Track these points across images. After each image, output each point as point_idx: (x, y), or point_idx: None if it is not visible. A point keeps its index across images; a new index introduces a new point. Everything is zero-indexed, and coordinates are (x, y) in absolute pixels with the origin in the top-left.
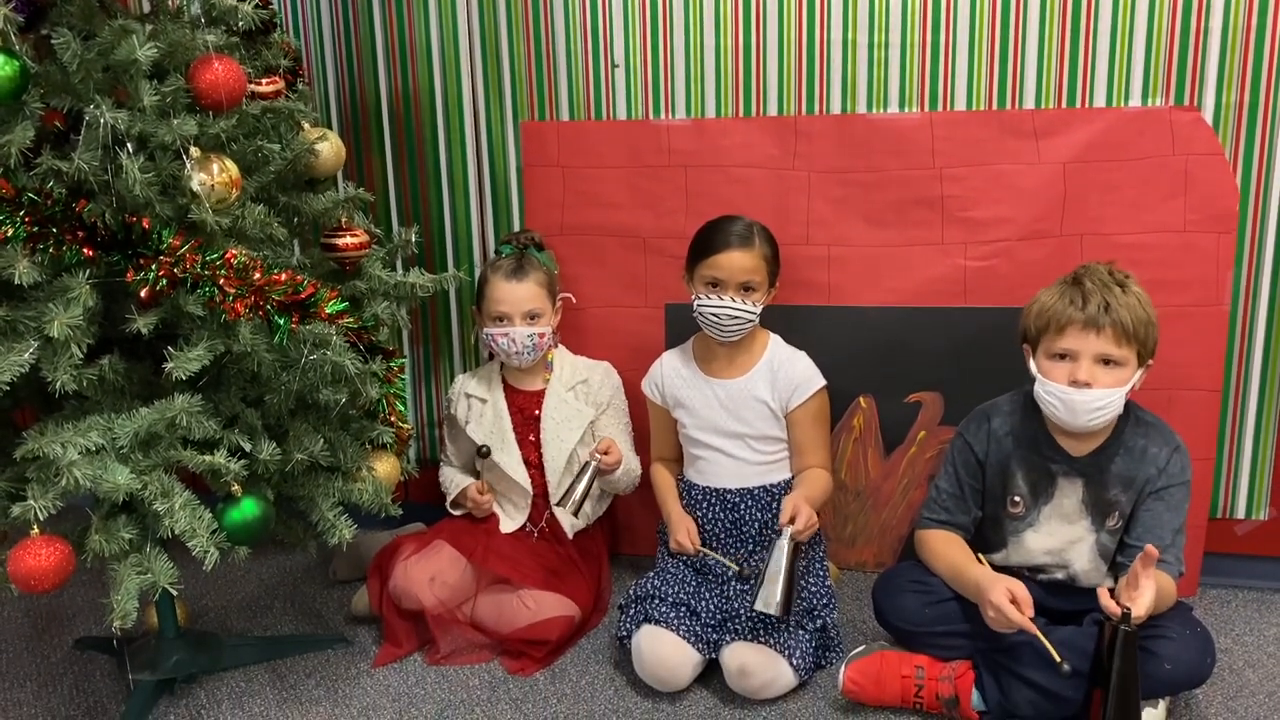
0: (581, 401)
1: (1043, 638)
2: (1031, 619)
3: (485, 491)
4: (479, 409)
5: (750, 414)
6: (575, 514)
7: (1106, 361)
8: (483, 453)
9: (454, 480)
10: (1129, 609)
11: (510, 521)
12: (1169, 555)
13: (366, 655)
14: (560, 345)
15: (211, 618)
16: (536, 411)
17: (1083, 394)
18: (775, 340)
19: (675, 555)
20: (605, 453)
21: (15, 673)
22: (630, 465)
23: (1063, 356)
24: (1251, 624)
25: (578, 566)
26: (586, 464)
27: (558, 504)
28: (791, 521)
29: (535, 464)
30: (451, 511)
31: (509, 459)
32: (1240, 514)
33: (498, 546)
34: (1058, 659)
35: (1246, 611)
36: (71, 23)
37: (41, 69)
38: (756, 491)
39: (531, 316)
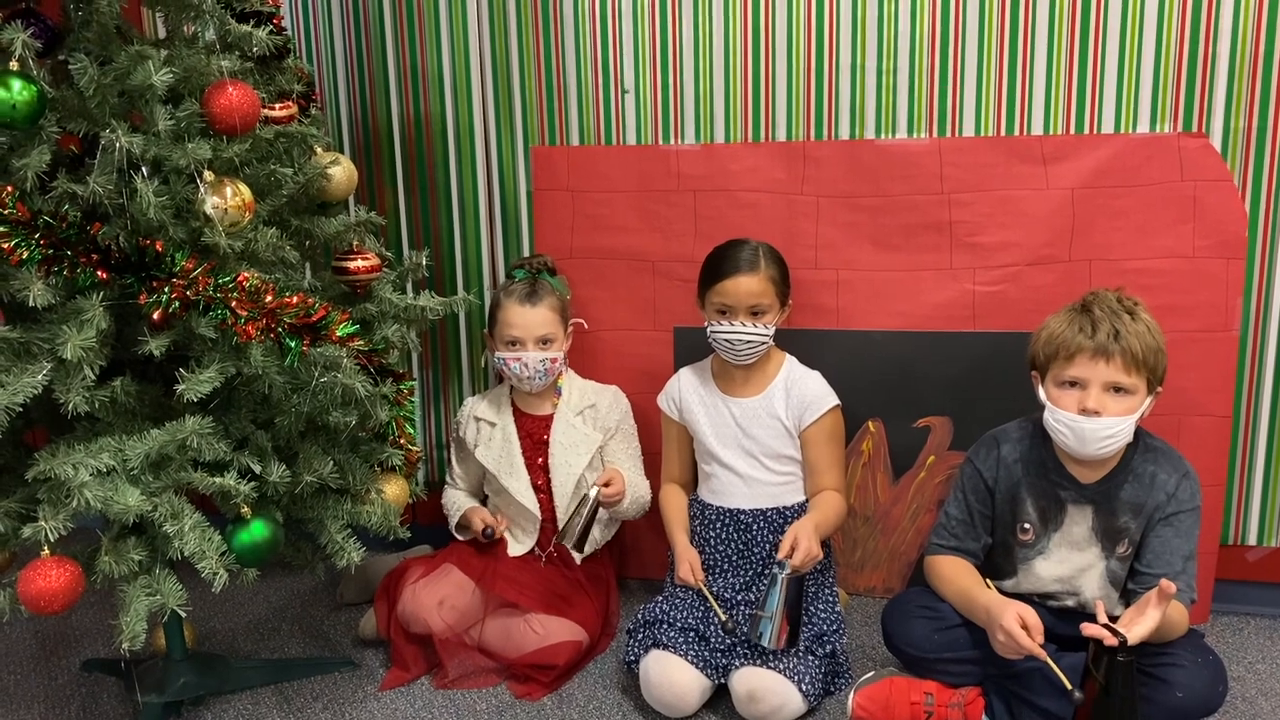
0: (590, 426)
1: (1053, 664)
2: (1041, 645)
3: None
4: (488, 432)
5: (763, 431)
6: (580, 549)
7: (1116, 389)
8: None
9: (456, 504)
10: (1125, 636)
11: (518, 546)
12: (1180, 582)
13: (374, 678)
14: (569, 369)
15: (219, 640)
16: (545, 436)
17: (1092, 422)
18: (790, 360)
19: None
20: (607, 484)
21: (23, 694)
22: (639, 492)
23: (1072, 384)
24: (1264, 651)
25: (585, 591)
26: (585, 496)
27: (560, 541)
28: (791, 553)
29: (544, 489)
30: (457, 536)
31: (517, 484)
32: (1252, 540)
33: (506, 571)
34: (1068, 685)
35: (1259, 639)
36: (88, 48)
37: (58, 94)
38: (769, 513)
39: (544, 341)
